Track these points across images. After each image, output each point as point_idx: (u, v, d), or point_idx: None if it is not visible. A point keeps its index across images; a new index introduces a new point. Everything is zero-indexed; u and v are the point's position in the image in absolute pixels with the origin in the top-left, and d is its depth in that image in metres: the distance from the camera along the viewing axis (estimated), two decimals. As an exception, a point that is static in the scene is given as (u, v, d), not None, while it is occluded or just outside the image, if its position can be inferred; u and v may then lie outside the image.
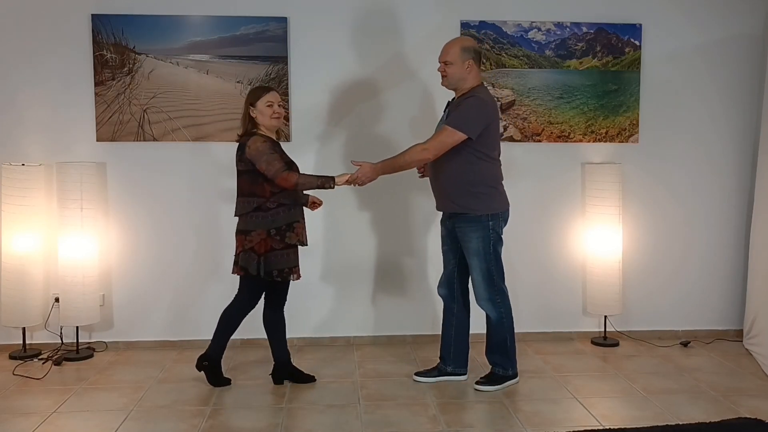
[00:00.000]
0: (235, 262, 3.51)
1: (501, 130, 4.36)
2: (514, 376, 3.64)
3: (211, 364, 3.61)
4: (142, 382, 3.69)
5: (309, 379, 3.70)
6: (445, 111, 3.60)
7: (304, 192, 3.58)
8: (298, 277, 3.55)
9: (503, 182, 3.58)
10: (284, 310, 3.67)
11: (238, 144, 3.49)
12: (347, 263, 4.38)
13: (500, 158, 3.56)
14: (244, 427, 3.12)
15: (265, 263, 3.42)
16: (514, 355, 3.64)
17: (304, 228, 3.55)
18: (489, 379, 3.60)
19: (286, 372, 3.68)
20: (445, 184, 3.52)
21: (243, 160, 3.42)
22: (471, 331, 3.74)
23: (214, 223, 4.31)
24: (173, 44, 4.20)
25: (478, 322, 3.77)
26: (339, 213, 4.35)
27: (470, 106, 3.40)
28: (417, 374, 3.72)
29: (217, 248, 4.32)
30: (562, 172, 4.47)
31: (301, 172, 3.48)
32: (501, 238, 3.54)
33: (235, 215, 3.51)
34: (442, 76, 3.52)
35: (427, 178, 3.69)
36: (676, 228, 4.54)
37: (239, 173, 3.48)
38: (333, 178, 3.42)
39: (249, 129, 3.50)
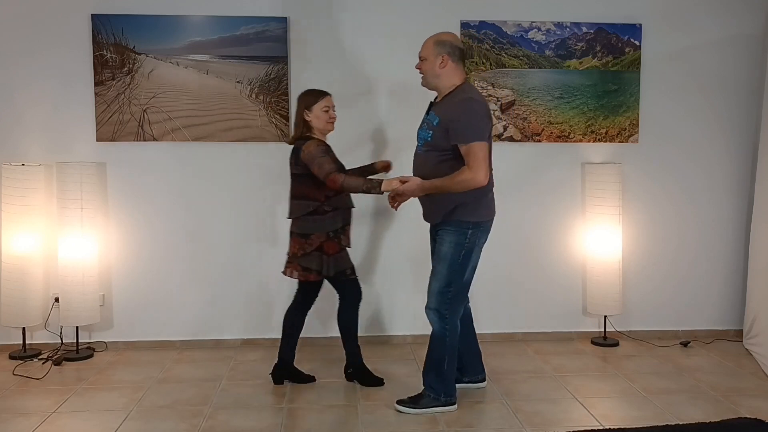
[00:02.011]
0: (294, 264, 3.52)
1: (501, 130, 4.37)
2: (448, 403, 3.28)
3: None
4: (142, 382, 3.69)
5: (309, 379, 3.70)
6: (427, 112, 3.34)
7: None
8: (356, 275, 3.67)
9: (493, 189, 3.31)
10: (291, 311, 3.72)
11: (292, 148, 3.51)
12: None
13: (491, 162, 3.25)
14: (244, 427, 3.12)
15: (335, 263, 3.49)
16: (452, 380, 3.30)
17: (350, 231, 3.62)
18: (414, 400, 3.29)
19: (287, 372, 3.68)
20: (431, 195, 3.24)
21: (298, 164, 3.44)
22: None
23: (214, 223, 4.32)
24: (173, 44, 4.20)
25: (477, 321, 3.77)
26: (339, 213, 4.35)
27: (474, 112, 3.13)
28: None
29: (216, 248, 4.32)
30: (562, 172, 4.47)
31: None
32: (475, 250, 3.25)
33: (289, 218, 3.54)
34: (421, 74, 3.31)
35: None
36: (676, 228, 4.54)
37: (293, 176, 3.51)
38: (380, 183, 3.27)
39: (303, 133, 3.51)
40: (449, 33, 3.33)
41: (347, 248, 3.58)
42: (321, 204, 3.44)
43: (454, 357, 3.31)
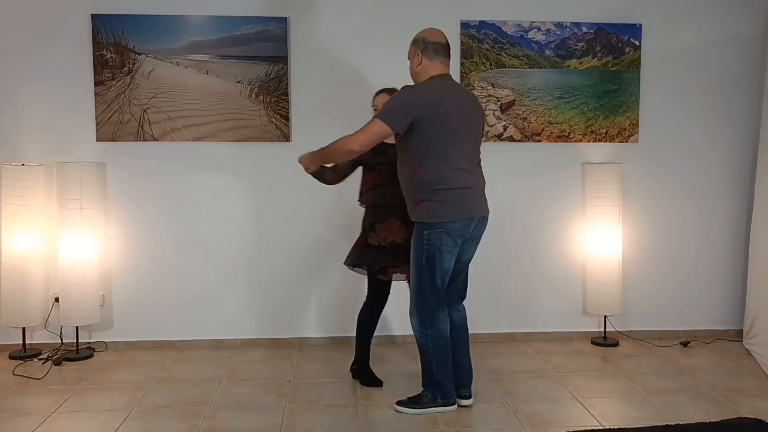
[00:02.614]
0: None
1: (501, 130, 4.37)
2: (446, 404, 3.25)
3: (360, 367, 3.68)
4: (142, 382, 3.69)
5: (377, 383, 3.66)
6: None
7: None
8: (389, 277, 3.56)
9: (469, 188, 3.15)
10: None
11: None
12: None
13: (451, 160, 3.09)
14: (244, 427, 3.12)
15: (352, 257, 3.57)
16: (445, 384, 3.24)
17: (390, 230, 3.47)
18: (413, 401, 3.28)
19: (360, 371, 3.71)
20: (402, 190, 3.23)
21: None
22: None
23: (214, 224, 4.32)
24: (173, 44, 4.20)
25: (477, 321, 3.77)
26: (341, 213, 4.35)
27: (397, 96, 3.11)
28: (399, 403, 3.33)
29: (217, 248, 4.32)
30: (562, 172, 4.47)
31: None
32: (440, 254, 3.11)
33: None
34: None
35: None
36: (675, 228, 4.54)
37: None
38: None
39: None
40: (429, 29, 3.23)
41: (376, 245, 3.47)
42: (360, 202, 3.60)
43: (444, 360, 3.23)
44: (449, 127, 3.09)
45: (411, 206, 3.19)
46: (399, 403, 3.31)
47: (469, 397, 3.34)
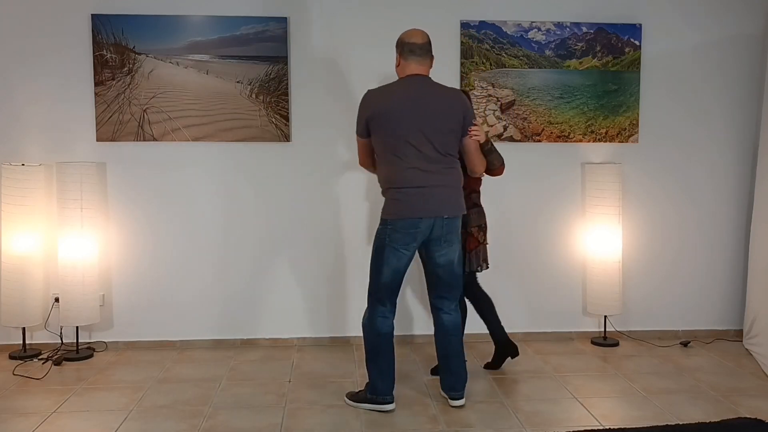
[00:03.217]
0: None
1: (501, 130, 4.36)
2: (375, 401, 3.26)
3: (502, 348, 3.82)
4: (142, 382, 3.69)
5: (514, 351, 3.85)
6: None
7: None
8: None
9: (416, 186, 3.10)
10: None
11: None
12: (348, 263, 4.38)
13: (400, 159, 3.10)
14: (244, 427, 3.12)
15: (484, 257, 3.70)
16: (374, 379, 3.27)
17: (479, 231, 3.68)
18: (356, 392, 3.40)
19: (505, 349, 3.84)
20: None
21: None
22: (467, 331, 3.64)
23: (213, 223, 4.32)
24: (173, 44, 4.20)
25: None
26: (342, 214, 4.35)
27: (359, 106, 3.21)
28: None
29: (216, 248, 4.32)
30: (562, 172, 4.47)
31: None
32: (387, 249, 3.14)
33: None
34: None
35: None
36: (675, 228, 4.54)
37: None
38: None
39: None
40: (409, 30, 3.24)
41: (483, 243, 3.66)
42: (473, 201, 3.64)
43: (374, 353, 3.26)
44: (399, 127, 3.09)
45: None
46: (348, 393, 3.42)
47: (459, 398, 3.32)
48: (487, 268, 3.69)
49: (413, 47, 3.17)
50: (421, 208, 3.10)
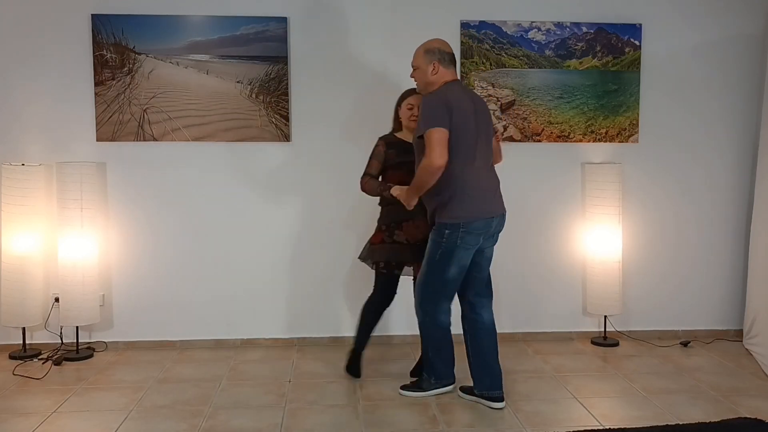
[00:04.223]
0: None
1: (501, 130, 4.37)
2: (441, 385, 3.49)
3: (354, 355, 3.78)
4: (142, 382, 3.69)
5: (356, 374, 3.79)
6: None
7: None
8: (399, 272, 3.63)
9: (486, 188, 3.29)
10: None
11: None
12: (348, 263, 4.38)
13: (475, 160, 3.23)
14: (244, 427, 3.12)
15: (370, 252, 3.62)
16: (439, 366, 3.47)
17: (418, 228, 3.52)
18: (415, 384, 3.53)
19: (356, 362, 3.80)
20: (423, 196, 3.32)
21: None
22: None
23: (214, 223, 4.32)
24: (173, 44, 4.20)
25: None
26: (342, 214, 4.35)
27: (428, 103, 3.20)
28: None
29: (216, 248, 4.32)
30: (562, 172, 4.47)
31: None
32: (458, 251, 3.23)
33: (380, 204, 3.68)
34: (415, 83, 3.42)
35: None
36: (675, 228, 4.54)
37: None
38: (390, 187, 3.50)
39: (393, 128, 3.69)
40: (437, 39, 3.37)
41: (404, 243, 3.54)
42: (385, 198, 3.59)
43: (438, 346, 3.45)
44: (470, 129, 3.22)
45: (433, 205, 3.29)
46: (403, 387, 3.52)
47: (502, 398, 3.35)
48: (373, 267, 3.66)
49: (451, 57, 3.33)
50: (492, 208, 3.30)
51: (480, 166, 3.26)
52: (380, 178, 3.61)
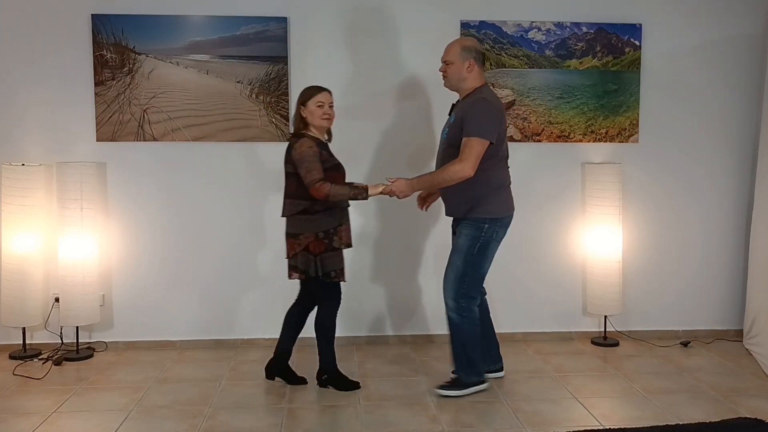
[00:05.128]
0: (293, 267, 3.47)
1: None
2: (479, 382, 3.51)
3: (331, 375, 3.58)
4: (142, 382, 3.69)
5: (300, 381, 3.66)
6: (450, 113, 3.53)
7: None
8: (344, 279, 3.53)
9: (510, 185, 3.52)
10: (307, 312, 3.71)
11: (287, 145, 3.47)
12: (348, 263, 4.37)
13: (506, 159, 3.49)
14: (244, 427, 3.12)
15: (322, 264, 3.41)
16: (477, 363, 3.51)
17: (349, 230, 3.52)
18: (452, 383, 3.50)
19: (280, 369, 3.66)
20: (449, 189, 3.43)
21: (290, 162, 3.40)
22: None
23: (214, 223, 4.32)
24: (173, 44, 4.20)
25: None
26: (339, 213, 4.35)
27: (483, 111, 3.32)
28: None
29: (216, 248, 4.32)
30: (562, 172, 4.47)
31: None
32: (492, 244, 3.44)
33: (283, 216, 3.50)
34: (443, 77, 3.49)
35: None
36: (676, 228, 4.54)
37: (287, 174, 3.45)
38: (366, 189, 3.37)
39: (299, 129, 3.46)
40: (471, 38, 3.67)
41: (342, 248, 3.49)
42: (312, 204, 3.38)
43: (476, 341, 3.50)
44: (504, 132, 3.44)
45: (466, 204, 3.41)
46: (441, 387, 3.50)
47: (503, 368, 3.76)
48: (322, 277, 3.47)
49: (484, 57, 3.53)
50: (513, 204, 3.55)
51: (507, 166, 3.51)
52: None
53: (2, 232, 4.09)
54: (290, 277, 3.49)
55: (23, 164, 4.07)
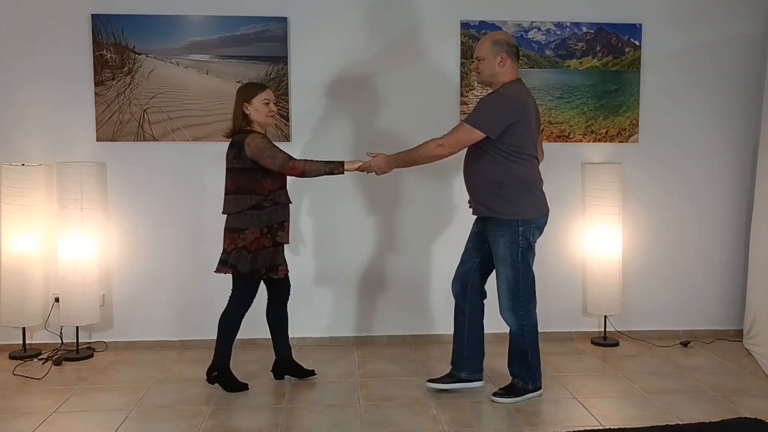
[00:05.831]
0: (223, 261, 3.44)
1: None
2: (536, 389, 3.44)
3: (220, 372, 3.55)
4: (142, 382, 3.69)
5: (309, 373, 3.70)
6: None
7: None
8: (285, 273, 3.53)
9: (541, 185, 3.40)
10: (287, 308, 3.69)
11: (231, 141, 3.43)
12: (348, 263, 4.38)
13: (535, 158, 3.37)
14: (244, 427, 3.12)
15: (252, 261, 3.38)
16: (538, 370, 3.45)
17: (289, 226, 3.52)
18: (507, 391, 3.43)
19: (286, 368, 3.69)
20: (473, 185, 3.38)
21: (241, 158, 3.34)
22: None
23: (213, 223, 4.31)
24: (173, 44, 4.20)
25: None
26: (341, 213, 4.35)
27: (490, 103, 3.28)
28: (430, 380, 3.56)
29: (217, 248, 4.32)
30: (562, 172, 4.47)
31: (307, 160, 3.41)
32: (532, 246, 3.35)
33: (224, 212, 3.45)
34: (477, 73, 3.42)
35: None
36: (676, 228, 4.54)
37: (234, 171, 3.39)
38: (342, 163, 3.38)
39: (242, 126, 3.44)
40: (503, 32, 3.64)
41: (283, 245, 3.48)
42: (263, 199, 3.37)
43: (537, 347, 3.43)
44: (531, 129, 3.33)
45: (494, 203, 3.31)
46: (495, 394, 3.43)
47: (482, 380, 3.58)
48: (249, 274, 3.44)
49: (517, 50, 3.39)
50: (547, 204, 3.43)
51: (536, 165, 3.40)
52: (267, 182, 3.38)
53: (2, 232, 4.09)
54: (217, 271, 3.46)
55: (23, 164, 4.07)
